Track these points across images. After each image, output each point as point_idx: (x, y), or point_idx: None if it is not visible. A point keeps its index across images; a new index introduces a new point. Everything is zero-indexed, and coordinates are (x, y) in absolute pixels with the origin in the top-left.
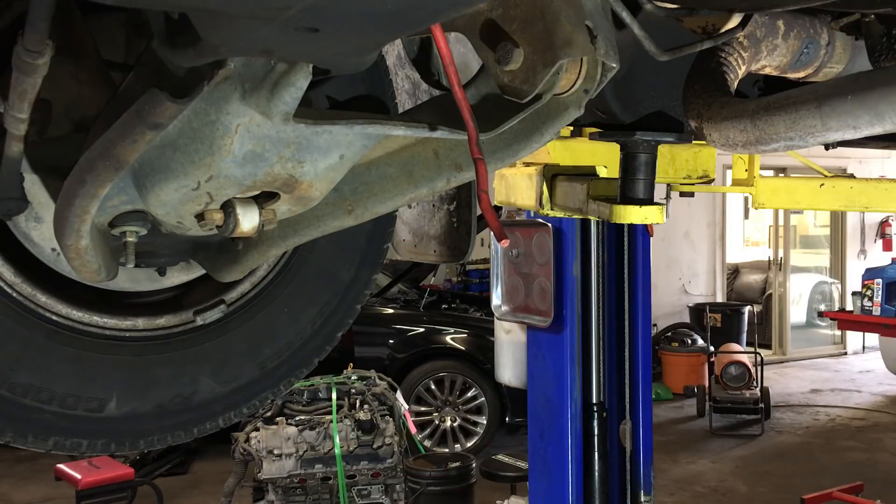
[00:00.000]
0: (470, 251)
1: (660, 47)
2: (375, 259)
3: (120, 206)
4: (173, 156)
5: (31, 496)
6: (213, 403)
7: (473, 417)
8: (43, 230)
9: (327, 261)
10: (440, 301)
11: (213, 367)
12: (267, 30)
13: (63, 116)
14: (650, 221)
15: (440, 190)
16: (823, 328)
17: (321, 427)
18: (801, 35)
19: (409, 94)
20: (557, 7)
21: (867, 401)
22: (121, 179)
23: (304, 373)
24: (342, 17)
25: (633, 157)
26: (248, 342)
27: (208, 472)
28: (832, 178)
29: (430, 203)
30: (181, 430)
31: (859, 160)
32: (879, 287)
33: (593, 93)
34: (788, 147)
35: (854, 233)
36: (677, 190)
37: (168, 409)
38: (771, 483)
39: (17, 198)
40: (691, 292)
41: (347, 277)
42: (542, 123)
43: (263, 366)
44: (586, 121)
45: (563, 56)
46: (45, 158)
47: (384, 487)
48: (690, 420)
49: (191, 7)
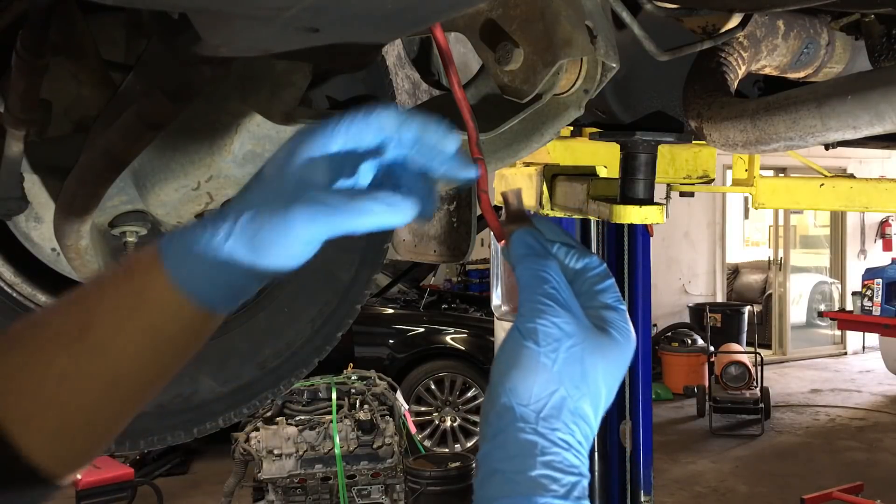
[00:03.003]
0: (470, 251)
1: (660, 47)
2: (375, 259)
3: (120, 206)
4: (173, 156)
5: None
6: (213, 403)
7: (473, 417)
8: (43, 230)
9: (327, 261)
10: (440, 301)
11: (213, 367)
12: (267, 30)
13: (63, 116)
14: (650, 221)
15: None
16: (823, 328)
17: (321, 427)
18: (801, 35)
19: (409, 94)
20: (557, 7)
21: (867, 401)
22: (121, 179)
23: (304, 373)
24: (342, 17)
25: (633, 157)
26: (248, 342)
27: (208, 472)
28: (832, 178)
29: None
30: (181, 430)
31: (859, 160)
32: (879, 287)
33: (593, 93)
34: (788, 147)
35: (854, 233)
36: (677, 190)
37: (168, 409)
38: (771, 483)
39: (17, 198)
40: (691, 292)
41: (347, 277)
42: (542, 123)
43: (263, 366)
44: (586, 121)
45: (563, 56)
46: (45, 158)
47: (384, 487)
48: (690, 420)
49: (191, 7)
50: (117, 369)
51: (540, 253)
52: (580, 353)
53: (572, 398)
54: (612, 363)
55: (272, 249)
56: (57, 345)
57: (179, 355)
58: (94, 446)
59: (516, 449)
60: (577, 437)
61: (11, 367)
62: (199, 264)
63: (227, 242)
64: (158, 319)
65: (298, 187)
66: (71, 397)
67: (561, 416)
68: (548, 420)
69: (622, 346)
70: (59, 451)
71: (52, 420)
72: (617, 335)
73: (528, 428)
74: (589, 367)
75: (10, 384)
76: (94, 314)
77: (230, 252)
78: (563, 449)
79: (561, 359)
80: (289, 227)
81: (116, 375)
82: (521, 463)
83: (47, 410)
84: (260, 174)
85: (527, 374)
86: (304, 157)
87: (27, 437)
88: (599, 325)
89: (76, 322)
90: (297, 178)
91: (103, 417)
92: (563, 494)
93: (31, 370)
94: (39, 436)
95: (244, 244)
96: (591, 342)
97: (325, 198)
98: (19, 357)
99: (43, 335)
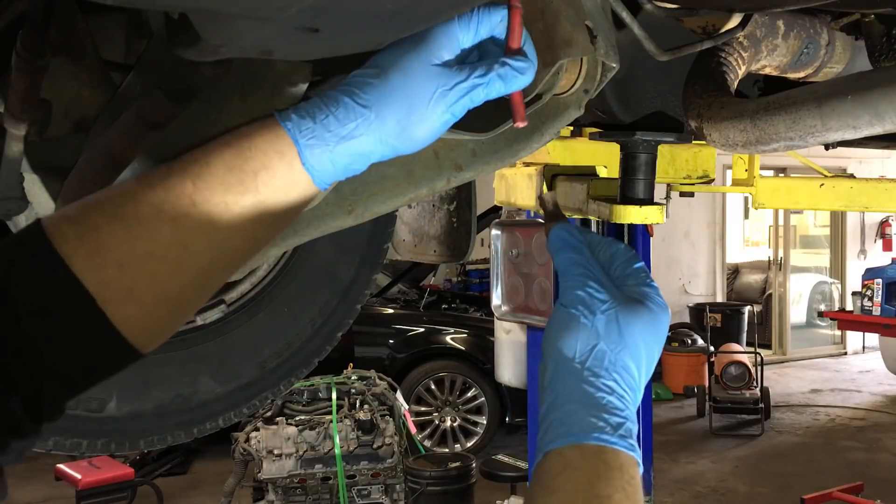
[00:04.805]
0: (470, 251)
1: (660, 47)
2: (375, 259)
3: None
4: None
5: (31, 496)
6: (213, 403)
7: (473, 417)
8: None
9: (327, 261)
10: (440, 301)
11: (213, 366)
12: (267, 30)
13: (63, 116)
14: (650, 221)
15: (440, 190)
16: (823, 328)
17: (321, 427)
18: (801, 35)
19: None
20: (557, 7)
21: (867, 401)
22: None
23: (304, 373)
24: (342, 17)
25: (633, 157)
26: (248, 342)
27: (208, 472)
28: (832, 178)
29: (430, 203)
30: (181, 430)
31: (859, 160)
32: (879, 287)
33: (593, 93)
34: (788, 147)
35: (854, 233)
36: (677, 190)
37: (168, 409)
38: (771, 483)
39: (17, 198)
40: (691, 292)
41: (347, 277)
42: (542, 123)
43: (263, 366)
44: (586, 121)
45: (563, 56)
46: (45, 158)
47: (384, 487)
48: (690, 420)
49: (191, 7)
50: (223, 244)
51: (574, 245)
52: (615, 314)
53: (612, 351)
54: (649, 325)
55: (416, 137)
56: (162, 219)
57: (279, 229)
58: (181, 319)
59: (565, 397)
60: (621, 385)
61: (113, 239)
62: (338, 154)
63: (368, 136)
64: (272, 197)
65: (436, 75)
66: (172, 272)
67: (603, 365)
68: (591, 370)
69: (656, 313)
70: (150, 323)
71: (149, 294)
72: (651, 304)
73: (574, 378)
74: (624, 327)
75: (108, 256)
76: (203, 190)
77: (371, 147)
78: (606, 393)
79: (598, 318)
80: (437, 114)
81: (221, 250)
82: (570, 409)
83: (147, 285)
84: (386, 67)
85: (570, 335)
86: (436, 47)
87: (123, 310)
88: (634, 298)
89: (183, 197)
90: (433, 71)
91: (196, 291)
92: (609, 432)
93: (132, 244)
94: (136, 308)
95: (393, 135)
96: (624, 307)
97: (465, 72)
98: (121, 230)
99: (146, 209)
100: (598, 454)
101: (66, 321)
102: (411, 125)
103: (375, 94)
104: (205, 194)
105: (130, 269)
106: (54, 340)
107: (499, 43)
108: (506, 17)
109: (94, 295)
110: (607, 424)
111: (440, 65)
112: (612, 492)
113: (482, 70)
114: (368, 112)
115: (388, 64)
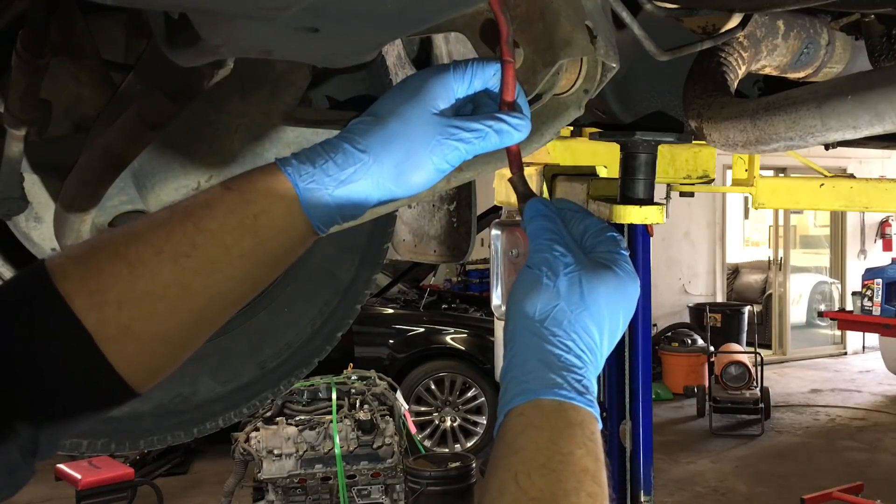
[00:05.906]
0: (470, 251)
1: (660, 47)
2: (375, 259)
3: (120, 206)
4: (173, 156)
5: (31, 496)
6: (213, 403)
7: (473, 417)
8: (43, 230)
9: (327, 261)
10: (440, 301)
11: (213, 366)
12: (267, 30)
13: (63, 116)
14: (650, 221)
15: (440, 190)
16: (823, 328)
17: (321, 427)
18: (801, 35)
19: None
20: (557, 7)
21: (867, 401)
22: (121, 179)
23: (304, 373)
24: (342, 17)
25: (633, 157)
26: (248, 342)
27: (208, 472)
28: (832, 178)
29: (430, 203)
30: (181, 430)
31: (859, 160)
32: (879, 287)
33: (593, 93)
34: (788, 147)
35: (854, 233)
36: (677, 190)
37: (168, 409)
38: (771, 483)
39: (17, 198)
40: (691, 292)
41: (347, 277)
42: (542, 123)
43: (263, 366)
44: (586, 121)
45: (563, 56)
46: (45, 158)
47: (384, 487)
48: (690, 420)
49: (191, 7)
50: (221, 285)
51: (546, 214)
52: (578, 277)
53: (573, 312)
54: (614, 291)
55: (412, 183)
56: (163, 259)
57: (278, 270)
58: (178, 359)
59: (524, 355)
60: (578, 346)
61: (114, 278)
62: (336, 198)
63: (366, 181)
64: (272, 240)
65: (434, 124)
66: (171, 312)
67: (562, 325)
68: (549, 329)
69: (623, 279)
70: (147, 362)
71: (147, 333)
72: (618, 270)
73: (532, 335)
74: (587, 289)
75: (108, 295)
76: (204, 232)
77: (368, 192)
78: (564, 352)
79: (561, 280)
80: (433, 162)
81: (219, 291)
82: (529, 366)
83: (145, 323)
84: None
85: (532, 294)
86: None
87: (120, 348)
88: (601, 263)
89: (185, 239)
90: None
91: (193, 331)
92: (567, 388)
93: (133, 283)
94: (134, 346)
95: (391, 180)
96: (588, 271)
97: (463, 124)
98: (123, 269)
99: (147, 250)
100: (558, 411)
101: (64, 359)
102: (408, 170)
103: (374, 140)
104: (205, 236)
105: (129, 307)
106: (52, 379)
107: (492, 95)
108: (499, 71)
109: (93, 333)
110: (565, 381)
111: (437, 114)
112: (573, 448)
113: (479, 126)
114: (367, 157)
115: (387, 112)
